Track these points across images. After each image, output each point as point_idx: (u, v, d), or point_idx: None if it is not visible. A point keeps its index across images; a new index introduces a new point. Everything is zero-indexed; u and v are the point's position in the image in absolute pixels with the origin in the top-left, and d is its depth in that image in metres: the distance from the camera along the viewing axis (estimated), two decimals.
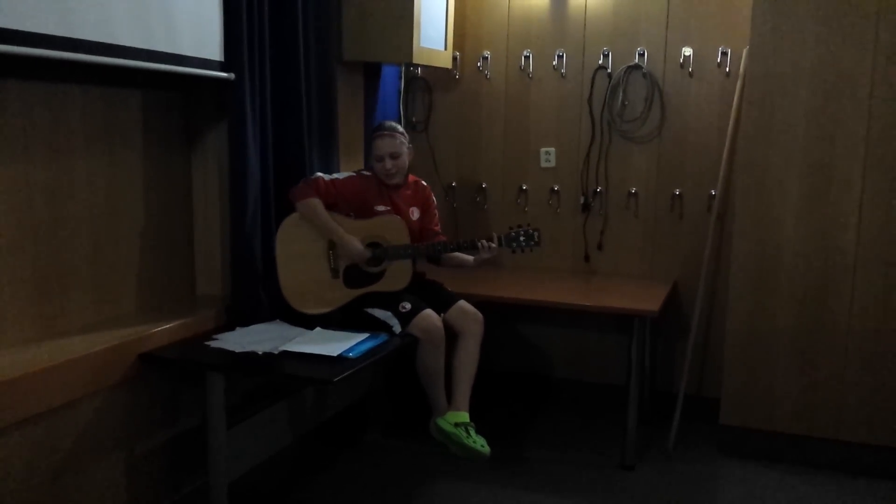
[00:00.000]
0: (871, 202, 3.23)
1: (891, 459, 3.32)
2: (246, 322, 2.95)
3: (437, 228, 3.38)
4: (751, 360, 3.46)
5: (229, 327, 2.91)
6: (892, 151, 3.18)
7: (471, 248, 3.17)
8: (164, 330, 2.68)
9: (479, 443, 3.05)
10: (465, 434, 3.05)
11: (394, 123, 3.29)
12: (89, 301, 2.62)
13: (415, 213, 3.28)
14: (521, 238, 3.17)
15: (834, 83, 3.22)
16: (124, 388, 2.53)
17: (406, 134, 3.27)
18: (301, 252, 3.08)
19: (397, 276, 3.15)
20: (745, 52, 3.51)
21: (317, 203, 3.05)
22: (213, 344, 2.72)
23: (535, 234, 3.17)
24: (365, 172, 3.26)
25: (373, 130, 3.32)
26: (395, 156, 3.17)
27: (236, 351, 2.66)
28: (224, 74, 2.78)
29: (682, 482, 3.29)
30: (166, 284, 2.96)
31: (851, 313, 3.30)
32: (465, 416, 3.11)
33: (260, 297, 3.01)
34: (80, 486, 2.39)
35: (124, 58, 2.38)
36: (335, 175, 3.18)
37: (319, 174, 3.13)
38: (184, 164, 3.02)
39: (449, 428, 3.08)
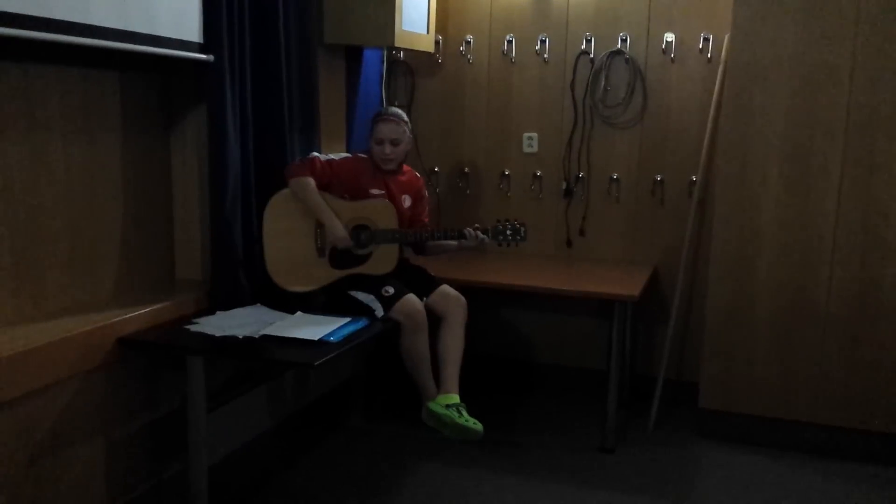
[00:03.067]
0: (849, 189, 3.25)
1: (867, 442, 3.37)
2: (226, 306, 2.93)
3: (427, 220, 3.40)
4: (730, 345, 3.49)
5: (209, 311, 2.89)
6: (870, 139, 3.20)
7: (458, 236, 3.19)
8: (143, 314, 2.66)
9: (472, 421, 3.06)
10: (457, 414, 3.07)
11: (399, 111, 3.30)
12: (68, 285, 2.59)
13: (406, 201, 3.30)
14: (508, 232, 3.20)
15: (814, 71, 3.23)
16: (103, 372, 2.51)
17: (409, 123, 3.28)
18: (288, 229, 3.07)
19: (383, 259, 3.15)
20: (726, 38, 3.52)
21: (309, 182, 3.04)
22: (192, 328, 2.70)
23: (522, 228, 3.20)
24: (361, 154, 3.27)
25: (376, 113, 3.31)
26: (395, 142, 3.19)
27: (216, 335, 2.64)
28: (203, 56, 2.75)
29: (662, 465, 3.33)
30: (145, 268, 2.94)
31: (829, 299, 3.33)
32: (455, 398, 3.13)
33: (240, 281, 2.99)
34: (57, 471, 2.38)
35: (101, 38, 2.35)
36: (331, 155, 3.19)
37: (316, 154, 3.13)
38: (163, 146, 2.99)
39: (440, 410, 3.09)
